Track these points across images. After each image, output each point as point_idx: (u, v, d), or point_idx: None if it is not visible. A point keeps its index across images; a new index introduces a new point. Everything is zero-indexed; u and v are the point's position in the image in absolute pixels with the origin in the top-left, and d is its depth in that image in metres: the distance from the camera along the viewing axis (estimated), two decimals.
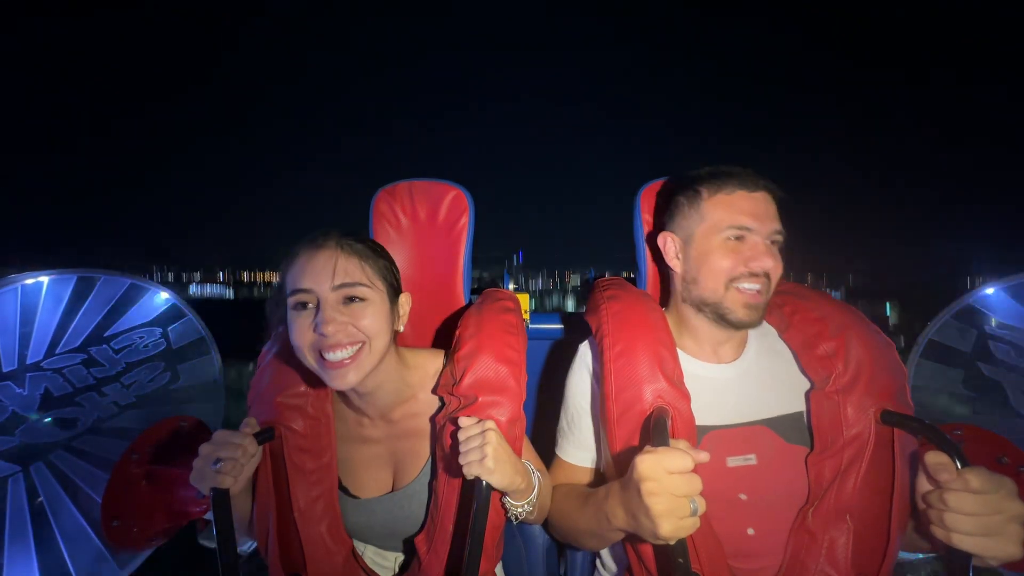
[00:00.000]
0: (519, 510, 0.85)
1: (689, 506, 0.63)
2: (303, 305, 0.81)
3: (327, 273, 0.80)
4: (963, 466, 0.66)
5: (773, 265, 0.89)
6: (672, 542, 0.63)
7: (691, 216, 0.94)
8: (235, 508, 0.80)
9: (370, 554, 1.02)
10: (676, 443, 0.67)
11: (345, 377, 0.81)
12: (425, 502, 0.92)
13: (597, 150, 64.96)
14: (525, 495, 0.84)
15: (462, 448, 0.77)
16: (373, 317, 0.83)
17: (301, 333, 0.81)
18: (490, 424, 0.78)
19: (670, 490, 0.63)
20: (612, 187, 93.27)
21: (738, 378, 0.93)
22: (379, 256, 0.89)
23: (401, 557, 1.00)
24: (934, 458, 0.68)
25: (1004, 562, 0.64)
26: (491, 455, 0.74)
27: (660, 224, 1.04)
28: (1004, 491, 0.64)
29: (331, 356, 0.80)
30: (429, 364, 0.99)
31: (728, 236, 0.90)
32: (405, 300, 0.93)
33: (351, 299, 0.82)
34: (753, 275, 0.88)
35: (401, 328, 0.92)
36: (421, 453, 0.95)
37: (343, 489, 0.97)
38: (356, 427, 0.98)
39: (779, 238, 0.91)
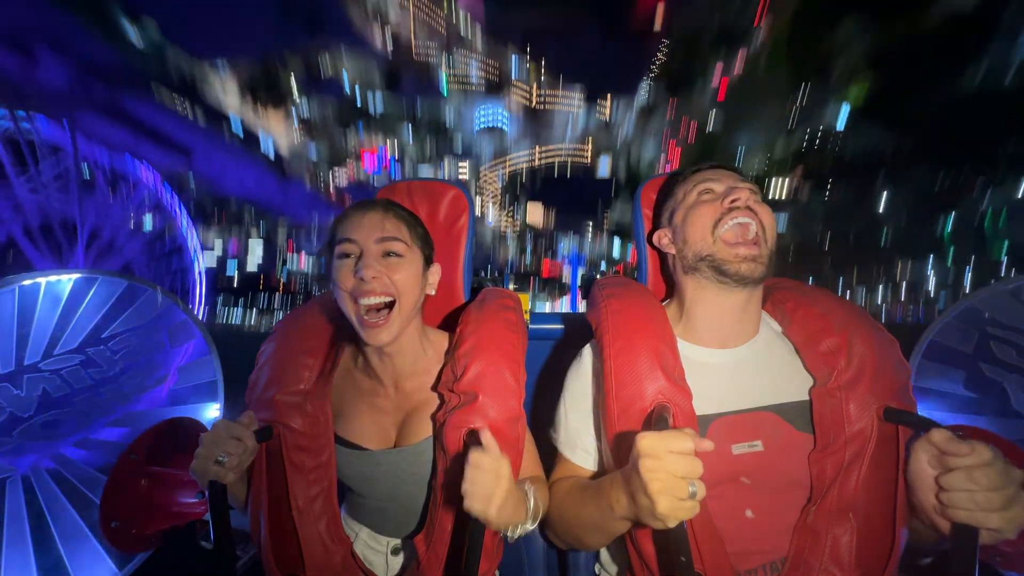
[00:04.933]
0: (511, 533, 0.81)
1: (688, 488, 0.62)
2: (347, 255, 0.89)
3: (372, 227, 0.89)
4: None
5: (748, 198, 0.88)
6: (670, 524, 0.63)
7: (668, 204, 1.00)
8: (233, 493, 0.82)
9: (364, 537, 1.02)
10: (681, 429, 0.66)
11: (379, 335, 0.88)
12: (430, 464, 0.92)
13: None
14: (520, 525, 0.81)
15: (471, 477, 0.72)
16: (406, 274, 0.90)
17: (343, 279, 0.88)
18: (506, 467, 0.73)
19: (669, 469, 0.62)
20: None
21: (745, 363, 0.92)
22: (419, 226, 0.98)
23: (394, 542, 1.00)
24: (939, 434, 0.67)
25: (1016, 532, 0.64)
26: (498, 503, 0.71)
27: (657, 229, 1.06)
28: (1001, 456, 0.65)
29: (364, 302, 0.87)
30: (444, 343, 1.02)
31: (699, 191, 0.93)
32: (436, 270, 1.00)
33: (389, 254, 0.89)
34: (734, 209, 0.88)
35: (432, 292, 0.99)
36: (426, 422, 0.95)
37: (349, 444, 0.98)
38: (370, 396, 1.00)
39: (752, 186, 0.91)
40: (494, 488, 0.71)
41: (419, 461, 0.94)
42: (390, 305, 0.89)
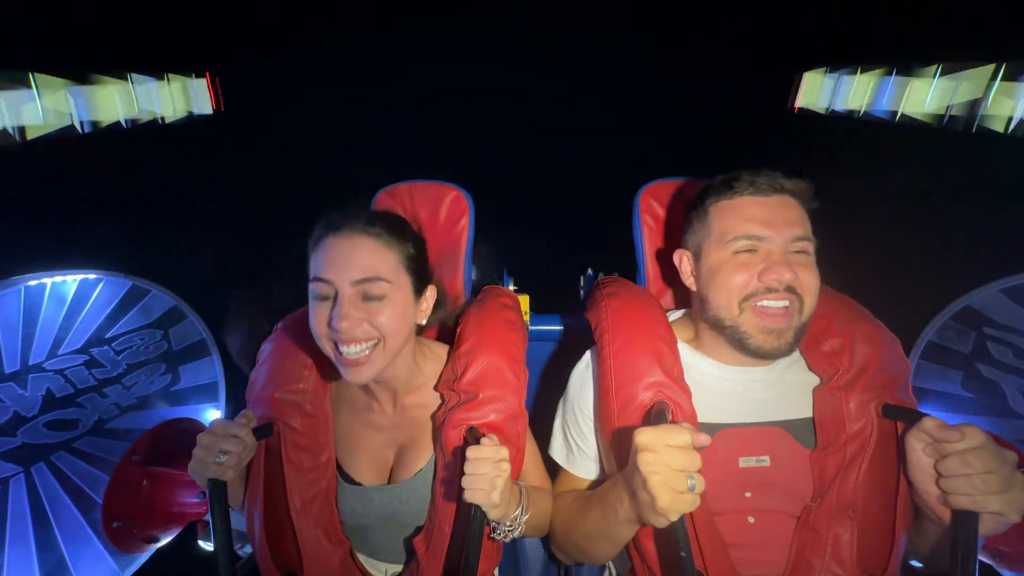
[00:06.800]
0: (504, 529, 0.82)
1: (687, 481, 0.62)
2: (323, 296, 0.80)
3: (348, 264, 0.78)
4: None
5: (793, 277, 0.78)
6: (672, 517, 0.62)
7: (700, 230, 0.88)
8: (231, 493, 0.80)
9: (361, 560, 1.00)
10: (679, 424, 0.66)
11: (360, 375, 0.81)
12: (425, 499, 0.91)
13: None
14: (514, 519, 0.81)
15: (471, 470, 0.72)
16: (390, 315, 0.80)
17: (319, 322, 0.80)
18: (505, 454, 0.73)
19: (667, 462, 0.62)
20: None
21: (760, 383, 0.90)
22: (406, 241, 0.84)
23: (392, 568, 0.98)
24: (931, 422, 0.67)
25: (1019, 514, 0.63)
26: (500, 488, 0.71)
27: (681, 241, 0.96)
28: (992, 439, 0.65)
29: (345, 350, 0.79)
30: (443, 355, 0.98)
31: (737, 248, 0.82)
32: (430, 293, 0.91)
33: (369, 296, 0.79)
34: (771, 291, 0.79)
35: (423, 322, 0.90)
36: (425, 448, 0.94)
37: (343, 474, 0.95)
38: (365, 411, 0.96)
39: (804, 246, 0.81)
40: (494, 476, 0.71)
41: (416, 496, 0.92)
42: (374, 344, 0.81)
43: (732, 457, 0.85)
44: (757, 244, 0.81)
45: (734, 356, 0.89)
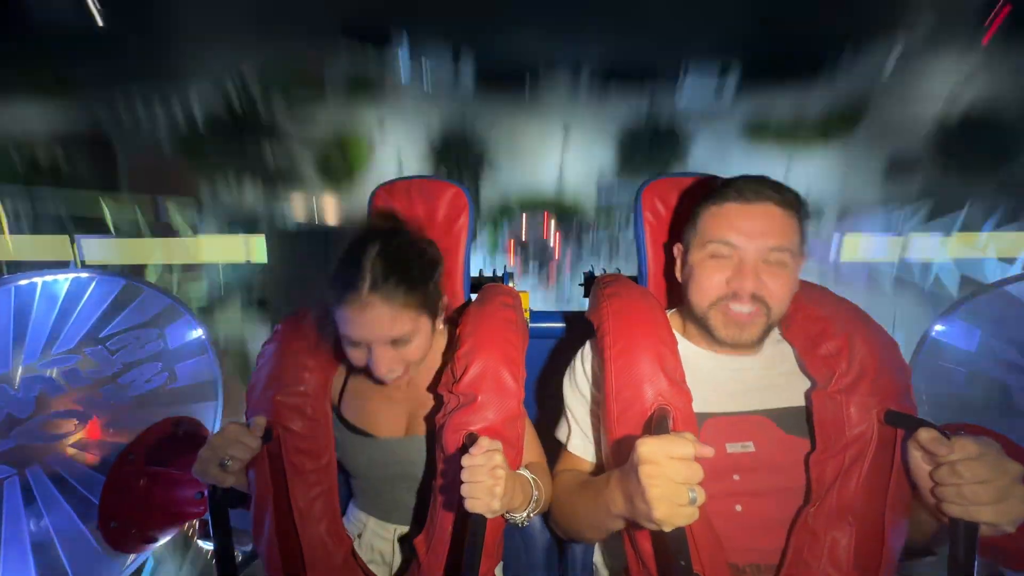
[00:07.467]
0: (518, 518, 0.84)
1: (687, 494, 0.62)
2: (356, 344, 0.88)
3: (373, 330, 0.85)
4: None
5: (758, 286, 0.82)
6: (667, 528, 0.63)
7: (690, 228, 0.93)
8: (236, 484, 0.83)
9: (372, 527, 1.03)
10: (681, 434, 0.66)
11: (397, 383, 0.94)
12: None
13: None
14: (523, 508, 0.84)
15: (468, 478, 0.72)
16: (418, 348, 0.90)
17: (356, 360, 0.89)
18: (499, 460, 0.74)
19: (669, 475, 0.62)
20: None
21: (743, 371, 0.93)
22: (422, 285, 0.89)
23: (402, 529, 1.01)
24: (926, 433, 0.68)
25: (1015, 525, 0.64)
26: (499, 495, 0.72)
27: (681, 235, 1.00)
28: (994, 450, 0.65)
29: (385, 377, 0.89)
30: (446, 336, 1.03)
31: (710, 252, 0.86)
32: (444, 304, 0.97)
33: (399, 343, 0.87)
34: (737, 297, 0.84)
35: (441, 326, 0.99)
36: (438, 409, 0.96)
37: (357, 431, 0.99)
38: (383, 385, 1.00)
39: (780, 257, 0.84)
40: (493, 483, 0.72)
41: (427, 453, 0.95)
42: None
43: (720, 443, 0.86)
44: (730, 250, 0.85)
45: (713, 345, 0.94)
